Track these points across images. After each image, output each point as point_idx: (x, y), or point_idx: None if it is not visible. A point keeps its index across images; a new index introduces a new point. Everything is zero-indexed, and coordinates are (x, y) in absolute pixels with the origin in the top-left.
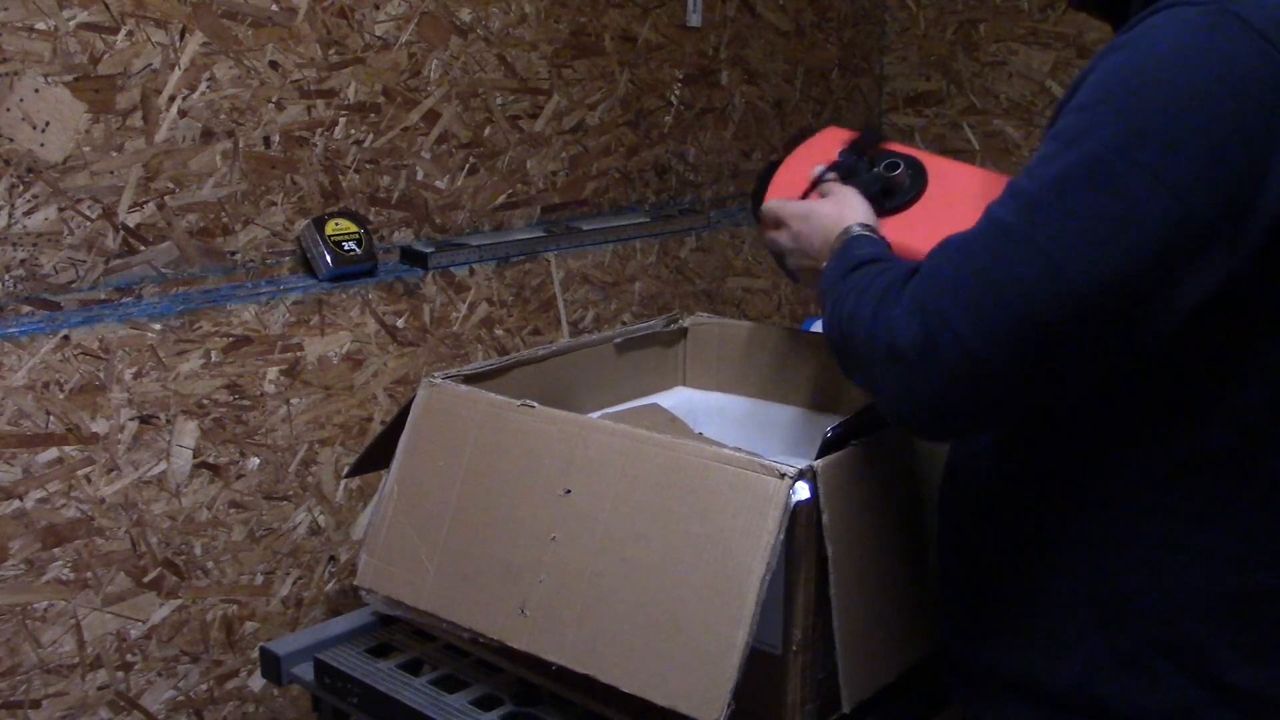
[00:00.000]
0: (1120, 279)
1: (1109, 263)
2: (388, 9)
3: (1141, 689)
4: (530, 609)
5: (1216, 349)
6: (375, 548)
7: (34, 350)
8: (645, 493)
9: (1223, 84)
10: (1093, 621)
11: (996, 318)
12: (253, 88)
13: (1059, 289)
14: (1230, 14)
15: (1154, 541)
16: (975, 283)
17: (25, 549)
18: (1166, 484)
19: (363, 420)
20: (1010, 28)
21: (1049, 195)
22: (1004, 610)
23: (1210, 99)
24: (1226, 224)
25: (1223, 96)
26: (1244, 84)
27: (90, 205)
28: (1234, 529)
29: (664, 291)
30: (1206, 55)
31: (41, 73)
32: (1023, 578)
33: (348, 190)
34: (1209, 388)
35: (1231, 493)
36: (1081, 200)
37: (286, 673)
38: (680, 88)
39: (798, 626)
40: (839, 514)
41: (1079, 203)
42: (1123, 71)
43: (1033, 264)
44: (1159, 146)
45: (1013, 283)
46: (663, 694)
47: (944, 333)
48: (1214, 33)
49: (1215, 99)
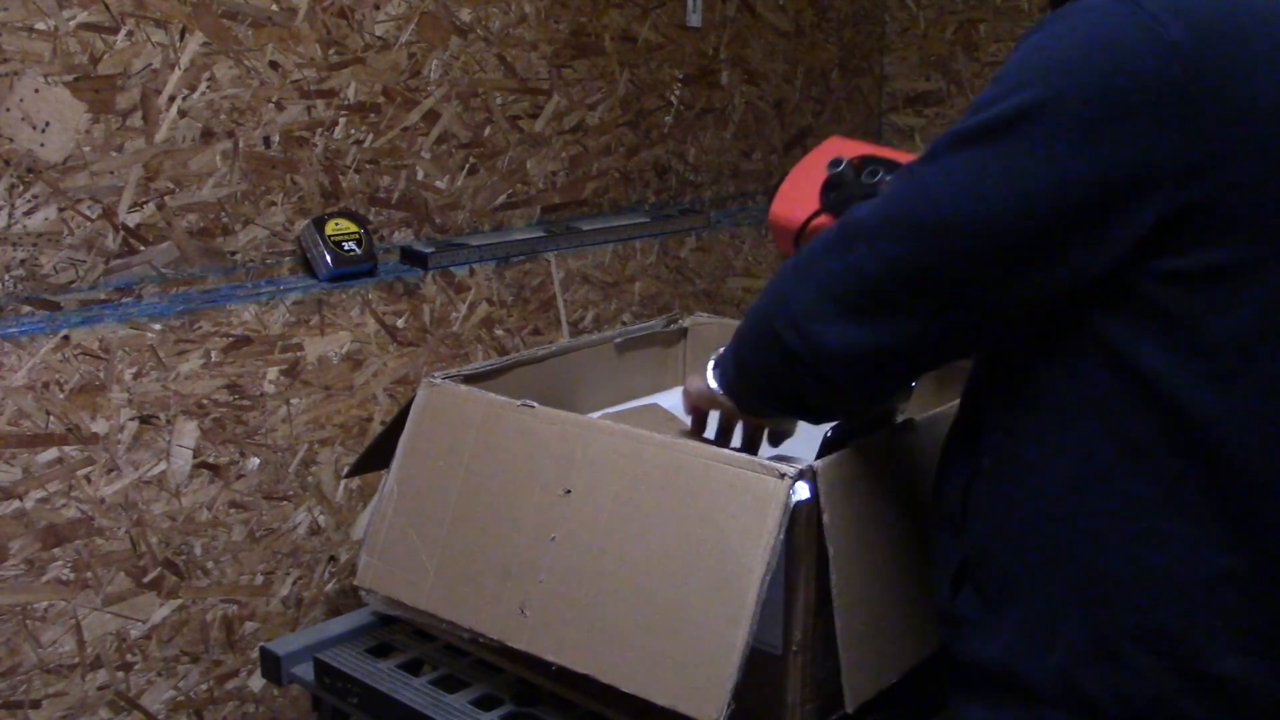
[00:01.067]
0: (994, 230)
1: (983, 208)
2: (388, 9)
3: (1121, 678)
4: (530, 609)
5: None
6: (375, 548)
7: (34, 350)
8: (645, 493)
9: (1109, 62)
10: (1071, 611)
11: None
12: (253, 88)
13: (938, 230)
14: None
15: (1127, 529)
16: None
17: (25, 549)
18: (1132, 470)
19: (363, 420)
20: (1010, 28)
21: (946, 146)
22: (983, 600)
23: (1096, 76)
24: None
25: (1108, 75)
26: (1130, 62)
27: (90, 205)
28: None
29: (664, 291)
30: (1097, 34)
31: (41, 73)
32: (1000, 567)
33: (348, 190)
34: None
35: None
36: (971, 155)
37: (286, 673)
38: (680, 88)
39: (798, 626)
40: (839, 514)
41: (968, 157)
42: (1030, 49)
43: (920, 205)
44: (1046, 117)
45: (903, 221)
46: (662, 694)
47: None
48: (1107, 15)
49: (1101, 76)
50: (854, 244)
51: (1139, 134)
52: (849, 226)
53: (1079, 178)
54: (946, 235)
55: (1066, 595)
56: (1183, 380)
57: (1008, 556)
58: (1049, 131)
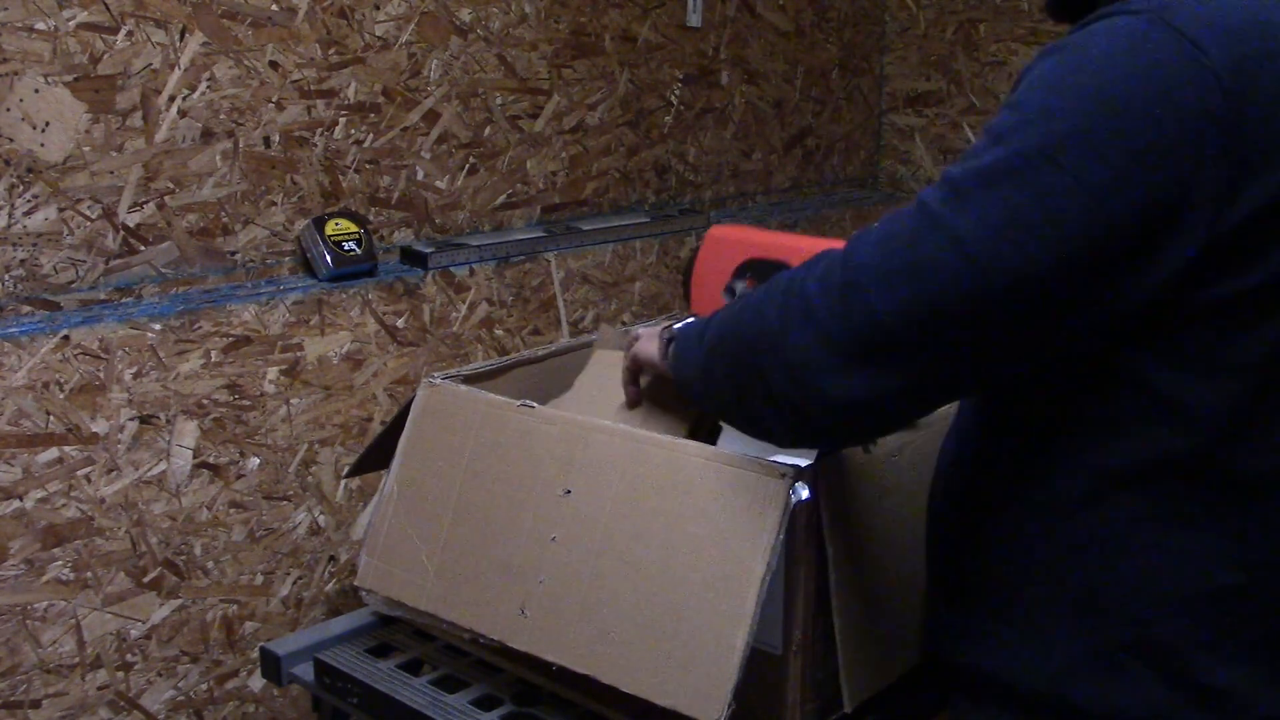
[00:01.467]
0: (1032, 276)
1: (1022, 259)
2: (388, 9)
3: (1116, 690)
4: (530, 609)
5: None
6: (375, 548)
7: (34, 350)
8: (645, 493)
9: (1148, 91)
10: (1067, 623)
11: (910, 300)
12: (253, 88)
13: (972, 279)
14: (1162, 22)
15: (1125, 543)
16: (895, 262)
17: (25, 549)
18: (1136, 485)
19: (363, 420)
20: (1010, 28)
21: (972, 186)
22: (982, 611)
23: (1135, 106)
24: (1147, 230)
25: (1148, 102)
26: (1170, 91)
27: (90, 205)
28: (1202, 530)
29: (664, 291)
30: (1134, 61)
31: (41, 73)
32: (999, 578)
33: (348, 190)
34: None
35: (1198, 494)
36: (1003, 196)
37: (286, 673)
38: (680, 88)
39: (798, 626)
40: (839, 514)
41: (1000, 198)
42: (1055, 74)
43: (950, 252)
44: (1080, 150)
45: (927, 267)
46: (663, 694)
47: (858, 299)
48: (1145, 40)
49: (1139, 106)
50: (863, 289)
51: (1179, 167)
52: (852, 269)
53: (1118, 217)
54: (976, 282)
55: (1065, 607)
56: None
57: (1006, 567)
58: (1085, 168)
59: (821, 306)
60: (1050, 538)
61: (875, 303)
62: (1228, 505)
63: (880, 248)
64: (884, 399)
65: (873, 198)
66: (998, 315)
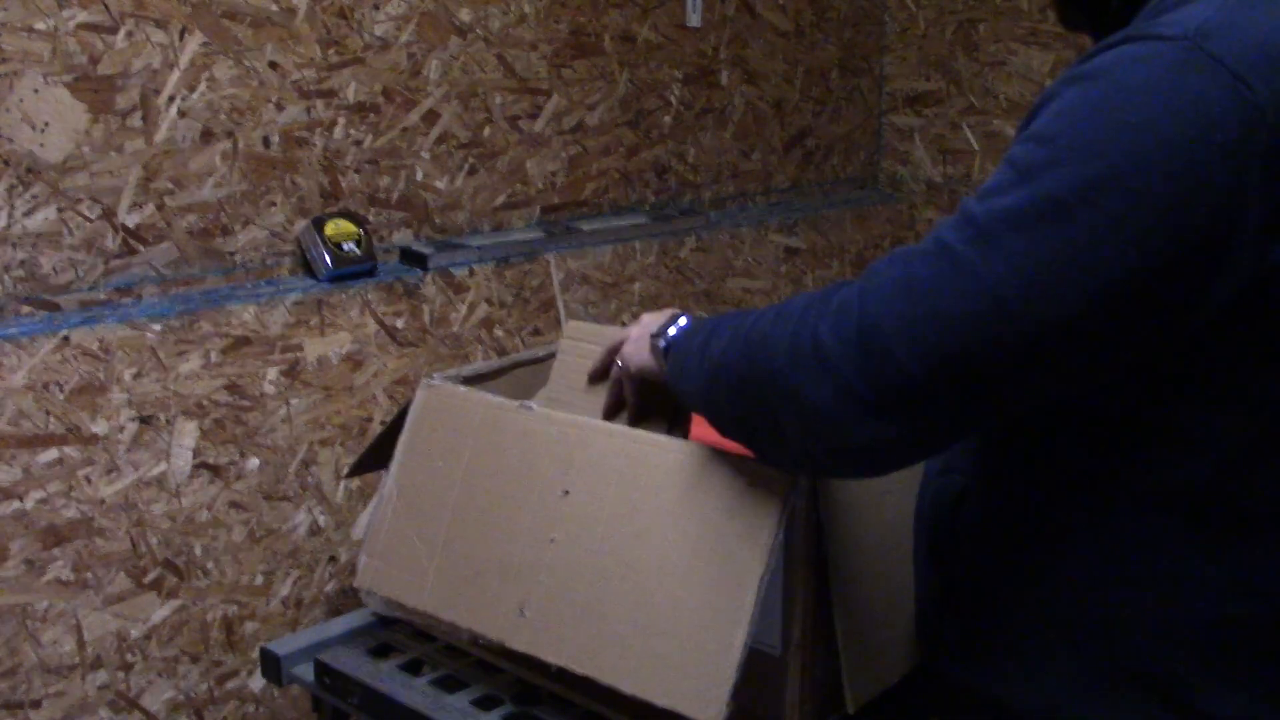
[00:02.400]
0: (1068, 323)
1: (1059, 307)
2: (387, 9)
3: (1111, 715)
4: (530, 610)
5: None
6: (375, 549)
7: (34, 351)
8: (644, 493)
9: (1192, 129)
10: (1063, 646)
11: (936, 349)
12: (252, 88)
13: (1004, 329)
14: (1203, 51)
15: (1127, 570)
16: (919, 310)
17: (25, 549)
18: (1142, 514)
19: (363, 421)
20: (1010, 28)
21: (1001, 229)
22: (977, 630)
23: (1178, 145)
24: (1191, 273)
25: (1191, 143)
26: (1214, 129)
27: (90, 205)
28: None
29: (664, 292)
30: (1176, 97)
31: (41, 73)
32: (995, 600)
33: (347, 190)
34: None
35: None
36: (1035, 240)
37: (286, 673)
38: (680, 88)
39: (797, 627)
40: (839, 514)
41: (1032, 243)
42: (1085, 106)
43: (979, 301)
44: (1120, 193)
45: (957, 316)
46: (662, 694)
47: (880, 350)
48: (1184, 72)
49: (1183, 145)
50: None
51: (1224, 209)
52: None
53: (1161, 261)
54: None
55: (1063, 631)
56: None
57: (1004, 587)
58: (1122, 210)
59: (839, 357)
60: (1049, 564)
61: (899, 354)
62: (1238, 536)
63: (900, 293)
64: (911, 443)
65: (872, 198)
66: (1031, 363)
